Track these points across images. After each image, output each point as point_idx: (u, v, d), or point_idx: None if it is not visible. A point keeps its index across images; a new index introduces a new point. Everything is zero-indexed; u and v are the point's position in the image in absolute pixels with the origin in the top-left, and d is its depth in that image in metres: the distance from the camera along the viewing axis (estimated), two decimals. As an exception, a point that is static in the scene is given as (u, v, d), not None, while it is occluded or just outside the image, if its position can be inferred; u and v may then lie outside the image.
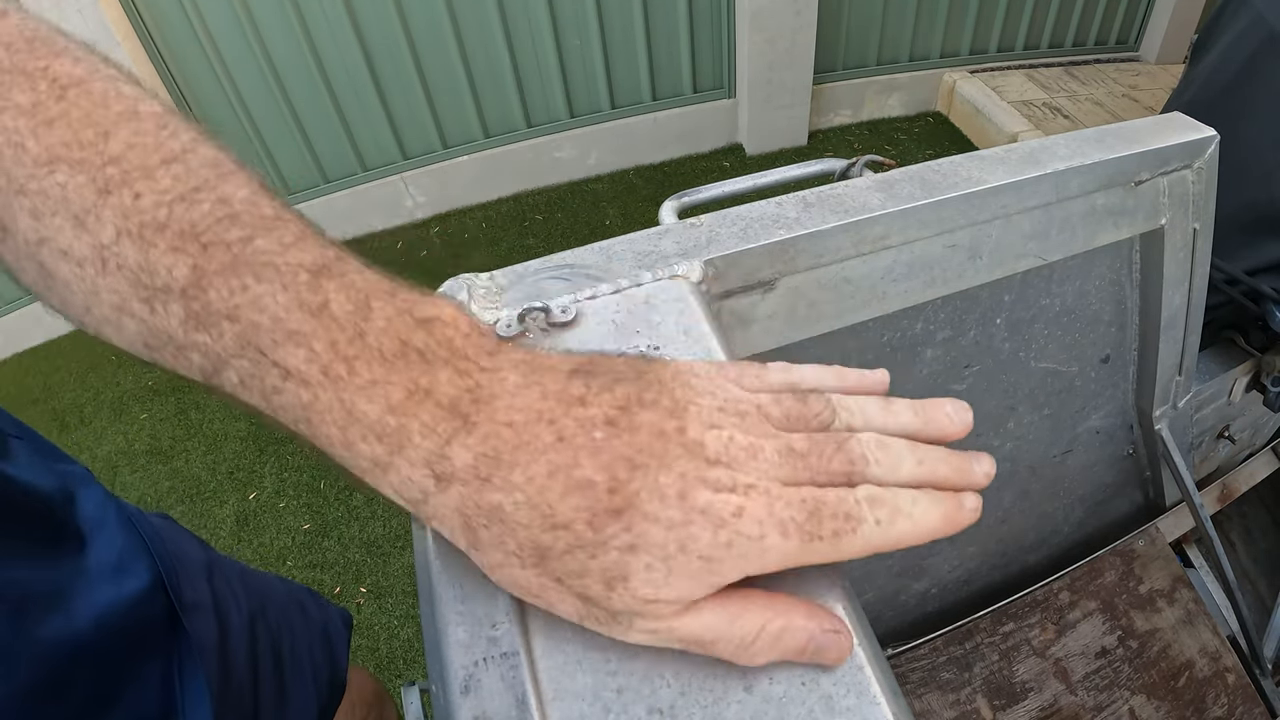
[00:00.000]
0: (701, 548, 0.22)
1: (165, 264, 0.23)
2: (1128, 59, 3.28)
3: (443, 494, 0.23)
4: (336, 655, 0.65)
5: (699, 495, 0.22)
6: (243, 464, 2.04)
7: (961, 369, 0.66)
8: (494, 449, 0.23)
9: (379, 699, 0.77)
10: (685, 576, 0.22)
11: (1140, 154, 0.56)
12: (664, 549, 0.22)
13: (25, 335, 2.53)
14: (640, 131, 2.88)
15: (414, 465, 0.23)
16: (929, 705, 0.74)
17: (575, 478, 0.22)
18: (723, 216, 0.47)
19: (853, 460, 0.25)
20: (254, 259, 0.23)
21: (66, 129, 0.24)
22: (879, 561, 0.77)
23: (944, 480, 0.26)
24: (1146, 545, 0.83)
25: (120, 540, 0.45)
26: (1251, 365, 0.92)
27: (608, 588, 0.22)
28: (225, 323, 0.23)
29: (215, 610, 0.51)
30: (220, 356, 0.24)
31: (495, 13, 2.47)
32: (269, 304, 0.23)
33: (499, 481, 0.22)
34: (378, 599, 1.72)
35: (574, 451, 0.22)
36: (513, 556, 0.23)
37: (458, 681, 0.25)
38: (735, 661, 0.24)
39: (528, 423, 0.23)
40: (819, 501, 0.24)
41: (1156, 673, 0.77)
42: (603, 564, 0.22)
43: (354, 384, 0.23)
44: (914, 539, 0.25)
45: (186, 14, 2.21)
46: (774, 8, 2.59)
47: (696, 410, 0.24)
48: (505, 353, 0.25)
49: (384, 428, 0.23)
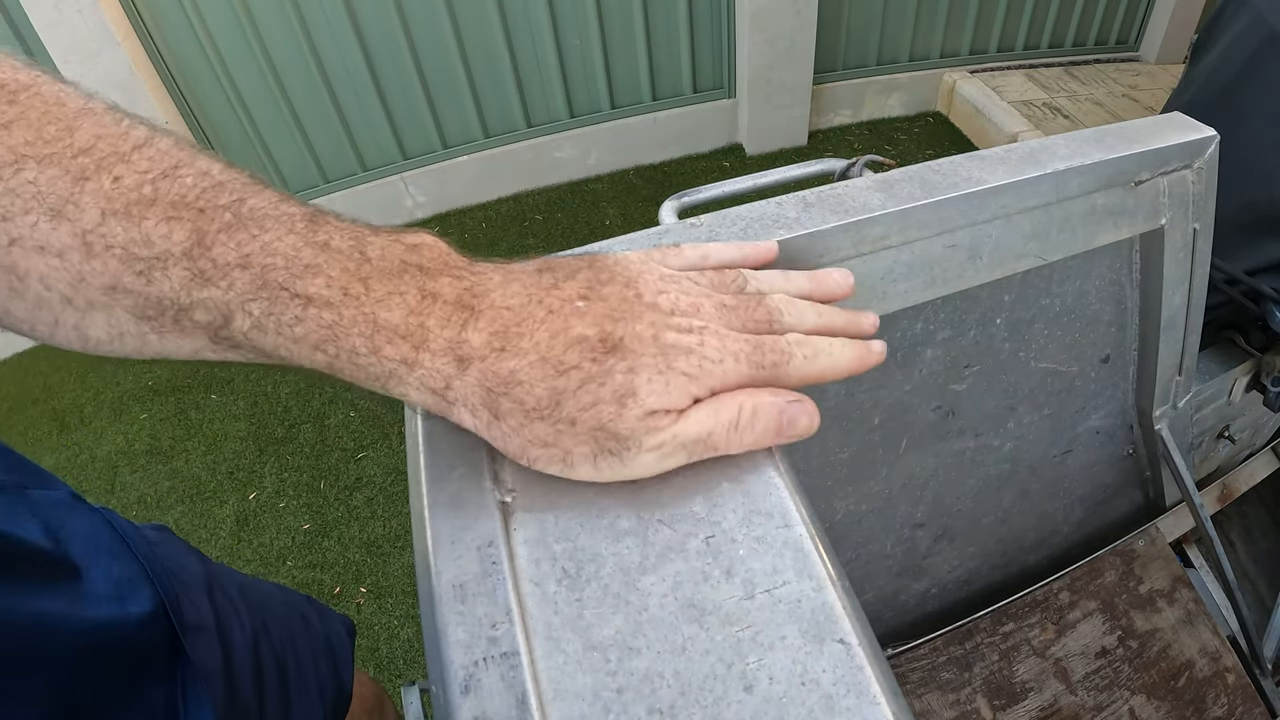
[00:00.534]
0: (682, 367, 0.28)
1: (160, 233, 0.25)
2: (1128, 59, 3.28)
3: (464, 375, 0.27)
4: (341, 668, 0.64)
5: (668, 335, 0.29)
6: (243, 464, 2.04)
7: (961, 369, 0.66)
8: (501, 327, 0.27)
9: (379, 702, 0.77)
10: (677, 389, 0.28)
11: (1140, 154, 0.56)
12: (656, 368, 0.28)
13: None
14: (640, 131, 2.88)
15: (436, 355, 0.27)
16: (929, 705, 0.74)
17: (572, 335, 0.28)
18: (723, 216, 0.47)
19: (770, 312, 0.32)
20: (252, 215, 0.26)
21: (27, 129, 0.25)
22: (879, 561, 0.77)
23: (841, 329, 0.34)
24: (1146, 545, 0.83)
25: (115, 570, 0.43)
26: (1251, 365, 0.92)
27: (620, 406, 0.27)
28: (237, 271, 0.26)
29: (218, 630, 0.50)
30: (230, 306, 0.26)
31: (495, 13, 2.46)
32: (280, 247, 0.26)
33: (511, 350, 0.27)
34: (378, 599, 1.72)
35: (564, 318, 0.28)
36: (532, 412, 0.27)
37: (458, 681, 0.25)
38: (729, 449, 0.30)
39: (522, 305, 0.28)
40: (760, 340, 0.30)
41: (1156, 673, 0.77)
42: (612, 387, 0.27)
43: (372, 298, 0.26)
44: (834, 374, 0.32)
45: (186, 14, 2.21)
46: (774, 8, 2.59)
47: (645, 281, 0.30)
48: (483, 263, 0.30)
49: (407, 328, 0.27)
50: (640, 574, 0.29)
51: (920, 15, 2.97)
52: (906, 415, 0.66)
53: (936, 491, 0.75)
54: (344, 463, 2.00)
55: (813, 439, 0.32)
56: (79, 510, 0.45)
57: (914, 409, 0.66)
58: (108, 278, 0.25)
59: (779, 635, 0.27)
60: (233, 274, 0.25)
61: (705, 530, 0.30)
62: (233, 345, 0.27)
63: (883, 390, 0.63)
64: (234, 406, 2.19)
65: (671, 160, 2.97)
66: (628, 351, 0.28)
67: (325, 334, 0.26)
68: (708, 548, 0.30)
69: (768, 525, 0.30)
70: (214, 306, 0.26)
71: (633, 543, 0.30)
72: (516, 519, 0.31)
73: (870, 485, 0.70)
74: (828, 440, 0.64)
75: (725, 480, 0.32)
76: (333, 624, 0.67)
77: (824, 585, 0.28)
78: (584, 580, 0.29)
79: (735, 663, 0.26)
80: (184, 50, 2.28)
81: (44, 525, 0.41)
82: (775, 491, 0.31)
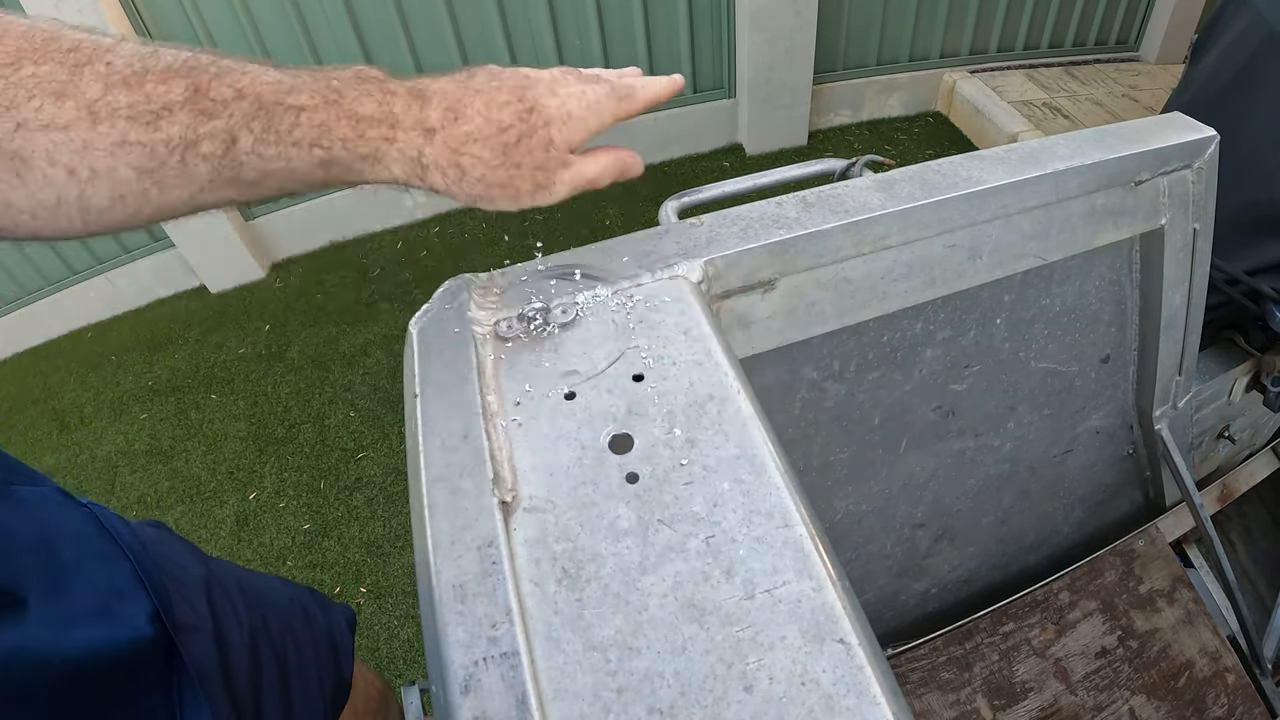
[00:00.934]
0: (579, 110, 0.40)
1: (160, 91, 0.31)
2: (1128, 59, 3.28)
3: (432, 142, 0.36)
4: (342, 661, 0.65)
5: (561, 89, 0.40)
6: (243, 464, 2.04)
7: (961, 369, 0.66)
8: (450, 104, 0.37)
9: (384, 699, 0.77)
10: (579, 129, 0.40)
11: (1140, 154, 0.56)
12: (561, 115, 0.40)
13: (25, 335, 2.53)
14: (640, 131, 2.88)
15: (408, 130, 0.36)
16: (929, 705, 0.74)
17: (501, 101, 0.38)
18: (723, 216, 0.47)
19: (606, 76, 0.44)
20: (232, 68, 0.33)
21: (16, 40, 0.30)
22: (879, 561, 0.77)
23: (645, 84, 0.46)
24: (1146, 545, 0.83)
25: (103, 577, 0.43)
26: (1251, 365, 0.92)
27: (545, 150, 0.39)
28: (235, 102, 0.32)
29: (215, 631, 0.50)
30: (234, 129, 0.32)
31: (495, 13, 2.46)
32: (266, 79, 0.33)
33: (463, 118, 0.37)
34: (378, 599, 1.72)
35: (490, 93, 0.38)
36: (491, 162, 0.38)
37: (458, 681, 0.25)
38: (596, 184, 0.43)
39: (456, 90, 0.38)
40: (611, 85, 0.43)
41: (1156, 673, 0.77)
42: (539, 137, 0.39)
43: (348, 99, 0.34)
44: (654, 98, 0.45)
45: (186, 14, 2.21)
46: (774, 8, 2.59)
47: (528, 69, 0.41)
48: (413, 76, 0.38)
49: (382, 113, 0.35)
50: (640, 574, 0.29)
51: (920, 15, 2.96)
52: (906, 415, 0.66)
53: (936, 491, 0.75)
54: (344, 463, 2.00)
55: (813, 439, 0.32)
56: (67, 508, 0.45)
57: (914, 409, 0.66)
58: (116, 135, 0.30)
59: (779, 635, 0.27)
60: (232, 105, 0.32)
61: (705, 530, 0.30)
62: (234, 172, 0.33)
63: (883, 390, 0.63)
64: (234, 406, 2.19)
65: (671, 160, 2.97)
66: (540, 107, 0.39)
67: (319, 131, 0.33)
68: (708, 548, 0.30)
69: (768, 525, 0.30)
70: (219, 134, 0.32)
71: (633, 543, 0.30)
72: (516, 519, 0.31)
73: (870, 485, 0.70)
74: (828, 440, 0.64)
75: (725, 480, 0.32)
76: (334, 615, 0.68)
77: (824, 585, 0.28)
78: (584, 580, 0.29)
79: (735, 663, 0.26)
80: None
81: (34, 534, 0.41)
82: (775, 491, 0.31)
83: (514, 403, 0.36)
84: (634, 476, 0.32)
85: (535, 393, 0.36)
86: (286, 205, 2.67)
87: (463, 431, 0.34)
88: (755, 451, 0.33)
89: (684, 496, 0.31)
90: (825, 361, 0.58)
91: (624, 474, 0.32)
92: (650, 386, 0.36)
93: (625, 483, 0.32)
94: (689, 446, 0.33)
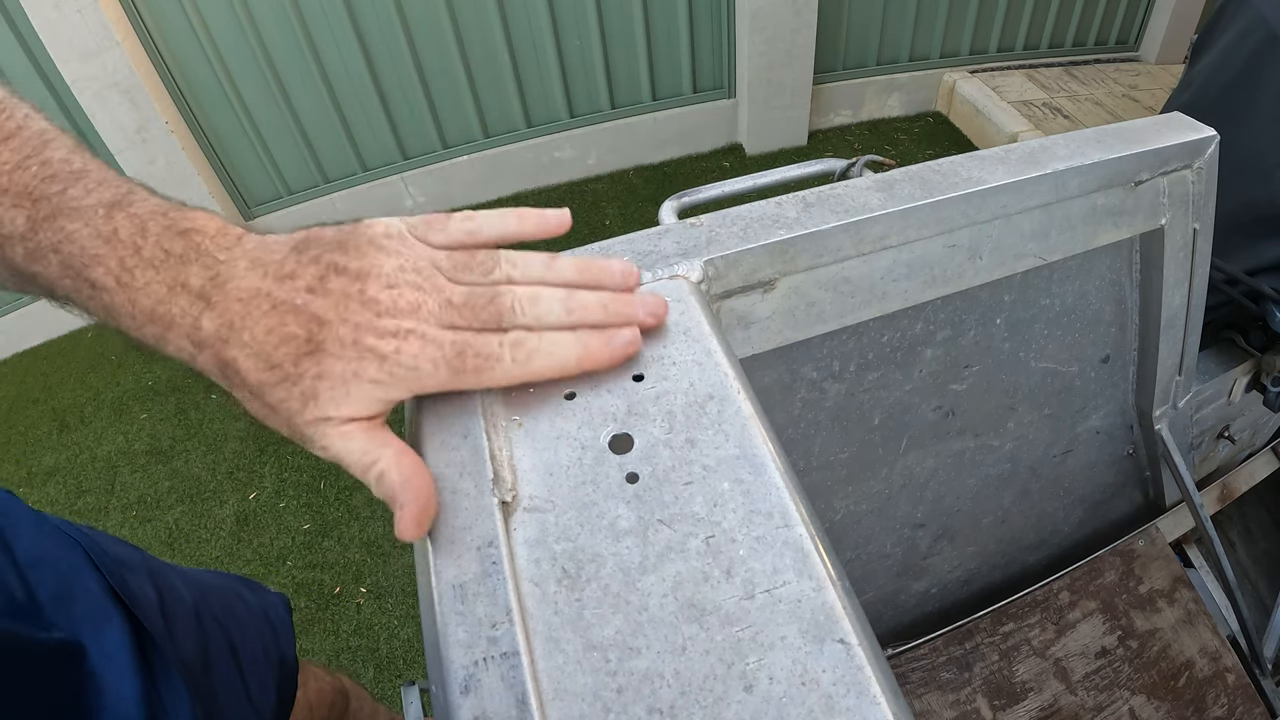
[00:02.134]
0: (370, 374, 0.31)
1: (9, 217, 0.31)
2: (1128, 59, 3.28)
3: (201, 355, 0.32)
4: (282, 638, 0.67)
5: (368, 339, 0.31)
6: (243, 464, 2.04)
7: (961, 369, 0.66)
8: (229, 320, 0.31)
9: (340, 695, 0.77)
10: (360, 396, 0.31)
11: (1140, 154, 0.56)
12: (343, 377, 0.31)
13: (25, 335, 2.53)
14: (640, 131, 2.88)
15: (180, 337, 0.32)
16: (929, 705, 0.74)
17: (283, 333, 0.31)
18: (723, 216, 0.47)
19: (501, 312, 0.33)
20: (67, 205, 0.31)
21: None
22: (879, 561, 0.77)
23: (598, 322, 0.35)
24: (1146, 545, 0.83)
25: (52, 578, 0.45)
26: (1251, 365, 0.92)
27: (303, 406, 0.31)
28: (52, 255, 0.31)
29: (159, 604, 0.53)
30: (52, 279, 0.32)
31: (495, 13, 2.46)
32: (78, 238, 0.31)
33: (234, 342, 0.31)
34: (378, 599, 1.72)
35: (282, 315, 0.31)
36: (249, 393, 0.32)
37: (458, 681, 0.25)
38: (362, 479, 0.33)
39: (251, 298, 0.31)
40: (466, 344, 0.32)
41: (1156, 673, 0.77)
42: (301, 389, 0.31)
43: (135, 287, 0.31)
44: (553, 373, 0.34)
45: (186, 14, 2.21)
46: (774, 8, 2.59)
47: (378, 273, 0.32)
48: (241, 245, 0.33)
49: (157, 314, 0.32)
50: (640, 574, 0.29)
51: (920, 15, 2.97)
52: (906, 415, 0.66)
53: (936, 491, 0.75)
54: (344, 463, 2.00)
55: (813, 439, 0.32)
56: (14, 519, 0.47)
57: (914, 409, 0.66)
58: None
59: (779, 635, 0.27)
60: (49, 256, 0.31)
61: (705, 530, 0.30)
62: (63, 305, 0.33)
63: (883, 390, 0.63)
64: (234, 406, 2.19)
65: (671, 160, 2.97)
66: (324, 356, 0.31)
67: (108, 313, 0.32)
68: (708, 548, 0.30)
69: (768, 525, 0.30)
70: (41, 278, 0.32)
71: (633, 543, 0.30)
72: (516, 519, 0.31)
73: (870, 485, 0.70)
74: (828, 440, 0.64)
75: (725, 480, 0.32)
76: (268, 597, 0.70)
77: (824, 585, 0.28)
78: (584, 580, 0.29)
79: (735, 663, 0.26)
80: (184, 50, 2.28)
81: None
82: (775, 491, 0.31)
83: (514, 403, 0.36)
84: (634, 476, 0.32)
85: (535, 393, 0.36)
86: (285, 204, 2.67)
87: (462, 431, 0.34)
88: (755, 451, 0.33)
89: (684, 496, 0.31)
90: (825, 361, 0.58)
91: (624, 474, 0.32)
92: (650, 386, 0.36)
93: (625, 483, 0.32)
94: (689, 446, 0.33)
